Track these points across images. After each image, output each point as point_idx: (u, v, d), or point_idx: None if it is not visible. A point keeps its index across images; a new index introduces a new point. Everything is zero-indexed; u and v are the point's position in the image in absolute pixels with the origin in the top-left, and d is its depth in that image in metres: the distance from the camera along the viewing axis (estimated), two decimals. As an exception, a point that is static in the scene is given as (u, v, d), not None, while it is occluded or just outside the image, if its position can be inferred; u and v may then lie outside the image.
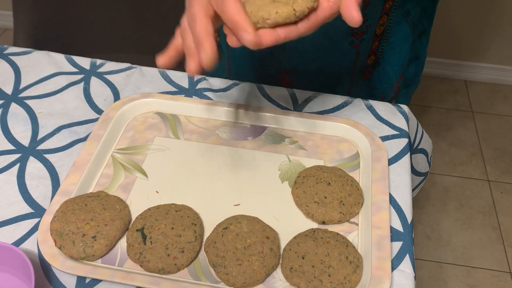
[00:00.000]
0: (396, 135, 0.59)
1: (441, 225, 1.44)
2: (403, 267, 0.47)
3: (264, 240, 0.46)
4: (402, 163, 0.56)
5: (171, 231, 0.47)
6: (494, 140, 1.68)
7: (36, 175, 0.54)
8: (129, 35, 1.14)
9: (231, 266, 0.44)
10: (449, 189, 1.53)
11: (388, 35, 0.64)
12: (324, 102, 0.63)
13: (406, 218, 0.51)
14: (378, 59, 0.66)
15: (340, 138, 0.59)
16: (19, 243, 0.48)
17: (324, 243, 0.46)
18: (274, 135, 0.59)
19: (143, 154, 0.56)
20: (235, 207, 0.51)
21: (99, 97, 0.63)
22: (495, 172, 1.58)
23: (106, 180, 0.53)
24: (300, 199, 0.51)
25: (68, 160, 0.55)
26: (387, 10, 0.60)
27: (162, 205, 0.50)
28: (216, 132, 0.59)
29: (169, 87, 0.65)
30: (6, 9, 2.01)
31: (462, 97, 1.85)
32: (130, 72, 0.67)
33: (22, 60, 0.68)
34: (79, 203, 0.49)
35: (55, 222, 0.47)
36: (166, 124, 0.60)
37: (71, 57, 0.69)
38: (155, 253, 0.45)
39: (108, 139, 0.57)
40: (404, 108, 0.62)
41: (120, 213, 0.48)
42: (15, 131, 0.59)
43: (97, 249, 0.46)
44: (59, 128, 0.59)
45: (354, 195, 0.51)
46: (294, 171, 0.55)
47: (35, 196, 0.52)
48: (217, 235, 0.47)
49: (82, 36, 1.15)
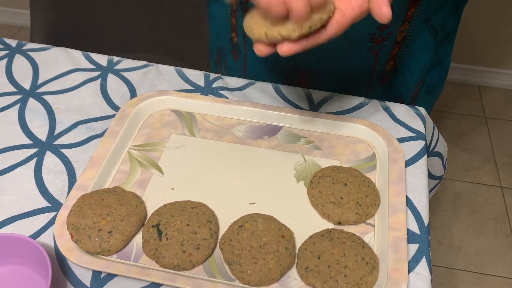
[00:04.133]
0: (413, 137, 0.58)
1: (452, 230, 1.42)
2: (420, 269, 0.46)
3: (279, 239, 0.46)
4: (419, 165, 0.55)
5: (187, 228, 0.47)
6: (507, 147, 1.66)
7: (53, 170, 0.54)
8: (144, 35, 1.15)
9: (247, 264, 0.44)
10: (461, 194, 1.52)
11: (408, 41, 0.63)
12: (341, 103, 0.63)
13: (422, 220, 0.50)
14: (397, 64, 0.66)
15: (357, 139, 0.58)
16: (35, 237, 0.48)
17: (340, 243, 0.46)
18: (289, 134, 0.59)
19: (159, 151, 0.56)
20: (250, 205, 0.51)
21: (116, 94, 0.64)
22: (508, 178, 1.56)
23: (122, 176, 0.53)
24: (316, 199, 0.51)
25: (84, 155, 0.56)
26: (409, 18, 0.60)
27: (178, 202, 0.50)
28: (231, 130, 0.59)
29: (185, 85, 0.65)
30: (22, 8, 2.03)
31: (476, 102, 1.83)
32: (147, 69, 0.67)
33: (40, 56, 0.69)
34: (96, 198, 0.49)
35: (72, 216, 0.47)
36: (182, 122, 0.60)
37: (88, 54, 0.69)
38: (171, 249, 0.45)
39: (125, 136, 0.57)
40: (421, 110, 0.62)
41: (136, 208, 0.49)
42: (32, 126, 0.59)
43: (113, 244, 0.46)
44: (76, 124, 0.59)
45: (371, 196, 0.51)
46: (309, 171, 0.55)
47: (52, 190, 0.52)
48: (233, 233, 0.47)
49: (97, 35, 1.15)
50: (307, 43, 0.39)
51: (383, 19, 0.37)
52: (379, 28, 0.60)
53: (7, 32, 2.06)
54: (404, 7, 0.59)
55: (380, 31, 0.60)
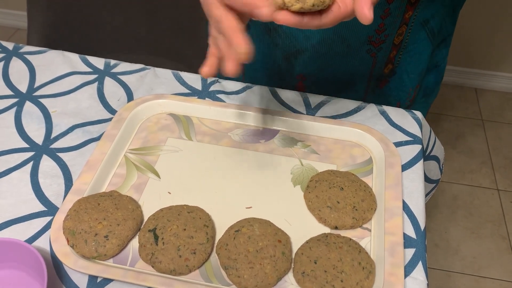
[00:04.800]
0: (410, 141, 0.59)
1: (449, 233, 1.42)
2: (416, 274, 0.46)
3: (276, 243, 0.46)
4: (415, 169, 0.56)
5: (183, 232, 0.46)
6: (504, 149, 1.67)
7: (49, 174, 0.54)
8: (142, 37, 1.15)
9: (243, 269, 0.44)
10: (458, 197, 1.52)
11: (406, 44, 0.63)
12: (337, 107, 0.63)
13: (419, 225, 0.50)
14: (395, 68, 0.66)
15: (353, 143, 0.58)
16: (31, 241, 0.48)
17: (337, 248, 0.46)
18: (286, 138, 0.59)
19: (155, 154, 0.56)
20: (247, 209, 0.51)
21: (113, 97, 0.64)
22: (505, 181, 1.56)
23: (119, 180, 0.53)
24: (312, 204, 0.51)
25: (81, 159, 0.56)
26: (407, 21, 0.60)
27: (175, 206, 0.50)
28: (228, 134, 0.59)
29: (182, 88, 0.65)
30: (19, 9, 2.03)
31: (473, 105, 1.84)
32: (144, 73, 0.67)
33: (37, 59, 0.68)
34: (92, 202, 0.49)
35: (68, 220, 0.47)
36: (179, 126, 0.60)
37: (85, 57, 0.69)
38: (167, 254, 0.45)
39: (121, 139, 0.57)
40: (418, 114, 0.62)
41: (133, 213, 0.48)
42: (29, 129, 0.59)
43: (109, 249, 0.46)
44: (72, 127, 0.59)
45: (367, 200, 0.51)
46: (306, 175, 0.55)
47: (48, 194, 0.52)
48: (229, 238, 0.47)
49: (95, 38, 1.15)
50: (302, 21, 0.39)
51: (364, 20, 0.37)
52: (377, 31, 0.60)
53: (4, 33, 2.06)
54: (402, 10, 0.59)
55: (377, 33, 0.61)
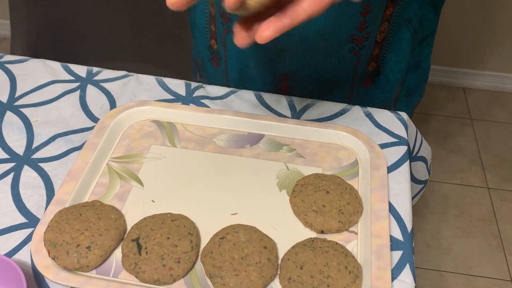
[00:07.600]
0: (395, 143, 0.58)
1: (441, 233, 1.43)
2: (403, 277, 0.46)
3: (261, 250, 0.46)
4: (401, 171, 0.55)
5: (167, 241, 0.46)
6: (493, 148, 1.68)
7: (31, 184, 0.53)
8: (126, 44, 1.14)
9: (228, 276, 0.44)
10: (448, 197, 1.52)
11: (389, 42, 0.63)
12: (322, 109, 0.62)
13: (406, 226, 0.50)
14: (380, 67, 0.66)
15: (339, 145, 0.58)
16: (12, 254, 0.47)
17: (323, 252, 0.45)
18: (272, 143, 0.58)
19: (139, 162, 0.55)
20: (232, 216, 0.51)
21: (95, 105, 0.63)
22: (494, 179, 1.57)
23: (102, 189, 0.52)
24: (298, 208, 0.50)
25: (63, 169, 0.55)
26: (388, 17, 0.60)
27: (158, 215, 0.49)
28: (213, 140, 0.58)
29: (166, 94, 0.64)
30: (4, 18, 2.01)
31: (461, 104, 1.85)
32: (127, 80, 0.66)
33: (18, 68, 0.67)
34: (74, 212, 0.48)
35: (49, 232, 0.46)
36: (163, 132, 0.59)
37: (67, 65, 0.68)
38: (151, 264, 0.44)
39: (104, 148, 0.56)
40: (403, 116, 0.62)
41: (115, 222, 0.48)
42: (9, 140, 0.58)
43: (91, 260, 0.45)
44: (54, 137, 0.58)
45: (353, 203, 0.50)
46: (292, 179, 0.54)
47: (29, 205, 0.51)
48: (214, 245, 0.46)
49: (79, 45, 1.14)
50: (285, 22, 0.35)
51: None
52: (358, 29, 0.60)
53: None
54: (383, 7, 0.59)
55: (359, 31, 0.60)
